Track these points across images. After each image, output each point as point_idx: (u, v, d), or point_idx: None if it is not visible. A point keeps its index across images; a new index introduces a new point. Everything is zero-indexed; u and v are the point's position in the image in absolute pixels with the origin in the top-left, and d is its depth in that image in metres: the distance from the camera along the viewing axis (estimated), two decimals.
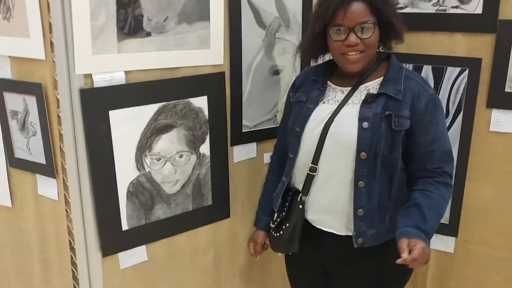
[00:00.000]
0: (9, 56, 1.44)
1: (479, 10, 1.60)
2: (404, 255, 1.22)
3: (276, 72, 1.77)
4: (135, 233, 1.53)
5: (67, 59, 1.31)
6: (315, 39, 1.42)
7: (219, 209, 1.72)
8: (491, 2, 1.57)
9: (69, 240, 1.49)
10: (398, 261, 1.22)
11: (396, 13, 1.38)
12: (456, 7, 1.64)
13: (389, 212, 1.41)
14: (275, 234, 1.55)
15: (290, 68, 1.79)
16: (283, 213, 1.52)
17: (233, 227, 1.78)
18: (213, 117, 1.61)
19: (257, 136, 1.77)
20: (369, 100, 1.37)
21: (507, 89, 1.60)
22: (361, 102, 1.39)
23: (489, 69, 1.62)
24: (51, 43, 1.32)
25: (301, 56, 1.54)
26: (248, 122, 1.73)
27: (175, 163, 1.56)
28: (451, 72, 1.67)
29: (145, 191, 1.53)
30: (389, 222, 1.42)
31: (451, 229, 1.78)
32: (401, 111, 1.35)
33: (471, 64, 1.64)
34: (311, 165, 1.43)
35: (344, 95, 1.43)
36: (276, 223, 1.55)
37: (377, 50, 1.42)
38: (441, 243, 1.80)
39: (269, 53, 1.73)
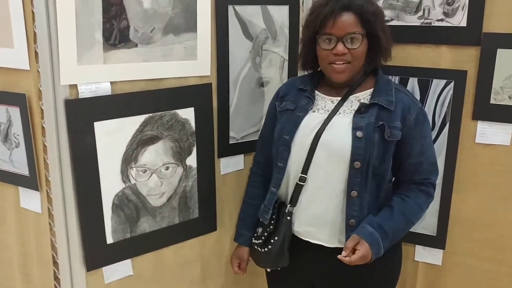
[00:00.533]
0: None
1: (463, 23, 1.62)
2: (343, 255, 1.31)
3: (263, 84, 1.77)
4: (120, 247, 1.50)
5: (52, 69, 1.30)
6: (304, 47, 1.44)
7: (205, 222, 1.70)
8: (475, 15, 1.60)
9: (52, 254, 1.46)
10: (338, 256, 1.31)
11: (384, 28, 1.39)
12: (441, 20, 1.66)
13: None
14: (262, 250, 1.51)
15: (277, 80, 1.80)
16: (271, 227, 1.49)
17: (220, 240, 1.76)
18: (200, 128, 1.60)
19: (244, 148, 1.76)
20: (362, 109, 1.38)
21: (492, 101, 1.62)
22: (353, 111, 1.40)
23: (474, 81, 1.64)
24: (36, 53, 1.31)
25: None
26: (235, 134, 1.73)
27: (161, 175, 1.54)
28: (437, 84, 1.68)
29: (131, 203, 1.50)
30: None
31: (438, 241, 1.77)
32: (393, 122, 1.37)
33: (457, 77, 1.65)
34: (301, 174, 1.41)
35: (334, 104, 1.43)
36: (263, 237, 1.51)
37: (364, 63, 1.43)
38: (429, 255, 1.80)
39: (256, 64, 1.73)
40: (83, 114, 1.36)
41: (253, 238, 1.57)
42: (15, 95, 1.38)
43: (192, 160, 1.60)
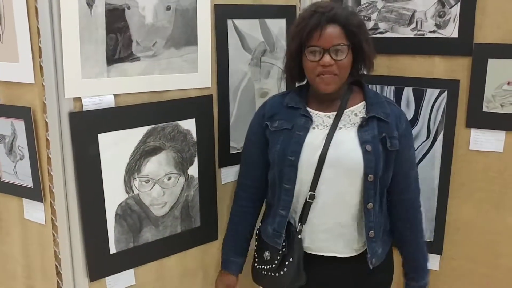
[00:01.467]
0: None
1: (455, 34, 1.67)
2: None
3: (262, 95, 1.80)
4: (123, 257, 1.52)
5: (56, 83, 1.32)
6: (290, 59, 1.43)
7: (207, 231, 1.72)
8: (466, 27, 1.65)
9: (56, 265, 1.47)
10: None
11: (368, 39, 1.41)
12: (434, 31, 1.71)
13: (382, 227, 1.48)
14: (277, 274, 1.47)
15: (275, 91, 1.83)
16: (284, 249, 1.45)
17: (222, 249, 1.78)
18: (201, 139, 1.62)
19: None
20: (364, 123, 1.41)
21: (484, 109, 1.66)
22: (354, 125, 1.42)
23: (467, 90, 1.68)
24: (41, 67, 1.33)
25: (286, 78, 1.57)
26: (236, 144, 1.75)
27: (163, 185, 1.57)
28: (431, 93, 1.72)
29: (134, 213, 1.52)
30: (382, 237, 1.48)
31: (435, 247, 1.80)
32: (392, 132, 1.41)
33: (450, 86, 1.70)
34: (310, 192, 1.40)
35: (331, 119, 1.43)
36: (276, 261, 1.47)
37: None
38: None
39: (255, 76, 1.77)
40: (87, 126, 1.38)
41: (256, 264, 1.55)
42: (20, 108, 1.40)
43: (193, 170, 1.63)
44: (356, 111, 1.44)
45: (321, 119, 1.45)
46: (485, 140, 1.69)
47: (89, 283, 1.47)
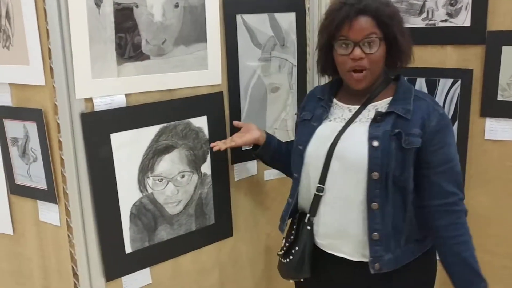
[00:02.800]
0: (9, 84, 1.45)
1: (467, 23, 1.65)
2: None
3: (273, 90, 1.79)
4: (138, 256, 1.52)
5: (67, 84, 1.32)
6: (321, 53, 1.40)
7: (222, 228, 1.71)
8: (478, 15, 1.63)
9: (72, 266, 1.47)
10: None
11: (402, 30, 1.33)
12: (445, 20, 1.68)
13: (404, 235, 1.35)
14: (284, 260, 1.46)
15: (286, 86, 1.82)
16: (291, 237, 1.45)
17: (237, 246, 1.78)
18: (213, 136, 1.62)
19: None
20: (378, 118, 1.33)
21: (499, 98, 1.64)
22: (369, 120, 1.34)
23: (481, 79, 1.66)
24: (51, 69, 1.33)
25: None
26: None
27: (177, 184, 1.56)
28: (444, 83, 1.70)
29: (148, 212, 1.52)
30: (405, 245, 1.35)
31: None
32: (411, 129, 1.30)
33: (463, 75, 1.68)
34: (318, 185, 1.37)
35: (352, 113, 1.38)
36: (284, 248, 1.47)
37: (384, 69, 1.37)
38: None
39: (266, 71, 1.75)
40: (99, 126, 1.38)
41: (278, 250, 1.52)
42: (32, 111, 1.40)
43: (206, 168, 1.62)
44: (378, 106, 1.37)
45: (342, 112, 1.41)
46: (501, 129, 1.67)
47: (105, 283, 1.47)
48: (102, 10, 1.33)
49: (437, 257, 1.41)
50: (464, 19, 1.66)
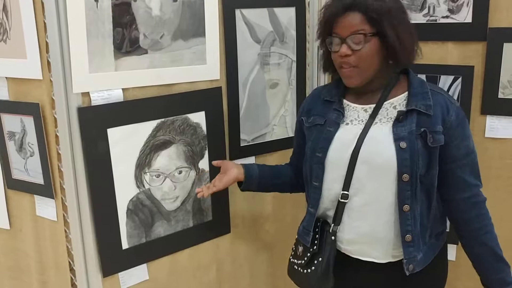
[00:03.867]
0: (6, 77, 1.44)
1: (469, 19, 1.64)
2: None
3: (272, 85, 1.78)
4: (135, 252, 1.51)
5: (64, 78, 1.32)
6: (321, 49, 1.38)
7: (219, 225, 1.71)
8: (480, 11, 1.61)
9: (69, 261, 1.47)
10: None
11: (394, 25, 1.25)
12: (447, 17, 1.67)
13: (428, 231, 1.35)
14: (305, 271, 1.42)
15: (285, 81, 1.81)
16: (314, 247, 1.39)
17: (234, 242, 1.77)
18: (211, 132, 1.61)
19: (255, 150, 1.77)
20: (400, 118, 1.29)
21: (500, 95, 1.63)
22: (390, 120, 1.31)
23: (482, 76, 1.65)
24: (48, 63, 1.33)
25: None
26: (246, 136, 1.74)
27: (174, 179, 1.56)
28: (445, 80, 1.69)
29: (145, 208, 1.52)
30: (429, 241, 1.36)
31: (451, 237, 1.77)
32: (434, 127, 1.28)
33: (464, 72, 1.66)
34: (343, 192, 1.32)
35: (368, 113, 1.33)
36: (305, 258, 1.42)
37: (391, 64, 1.31)
38: None
39: (265, 67, 1.74)
40: (96, 121, 1.37)
41: (291, 257, 1.50)
42: (29, 105, 1.40)
43: (204, 164, 1.62)
44: (395, 104, 1.33)
45: (357, 113, 1.36)
46: (501, 127, 1.66)
47: (102, 279, 1.47)
48: (100, 4, 1.33)
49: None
50: (465, 16, 1.64)
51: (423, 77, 1.71)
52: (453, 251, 1.79)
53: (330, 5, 1.29)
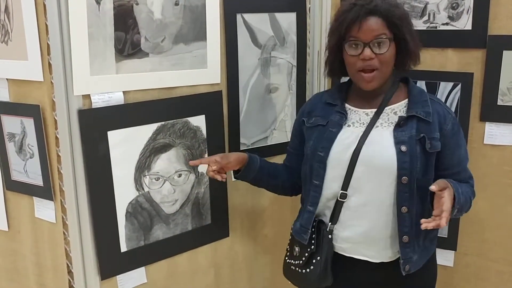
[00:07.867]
0: (7, 79, 1.45)
1: (468, 27, 1.64)
2: (434, 188, 1.23)
3: (272, 90, 1.79)
4: (134, 255, 1.51)
5: (65, 80, 1.32)
6: (330, 54, 1.40)
7: (218, 228, 1.70)
8: (480, 19, 1.62)
9: (67, 264, 1.47)
10: (432, 188, 1.23)
11: (411, 31, 1.34)
12: (447, 24, 1.68)
13: (423, 233, 1.38)
14: (303, 271, 1.44)
15: (285, 86, 1.81)
16: (312, 247, 1.42)
17: (233, 247, 1.77)
18: (211, 135, 1.61)
19: (255, 154, 1.76)
20: (401, 123, 1.34)
21: (499, 102, 1.63)
22: (391, 124, 1.36)
23: (481, 83, 1.65)
24: (49, 65, 1.33)
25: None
26: (246, 140, 1.74)
27: (174, 183, 1.56)
28: (444, 87, 1.70)
29: (144, 211, 1.52)
30: (423, 244, 1.40)
31: (450, 243, 1.78)
32: (432, 133, 1.34)
33: (463, 79, 1.67)
34: (341, 191, 1.36)
35: (370, 117, 1.38)
36: (303, 258, 1.44)
37: (393, 69, 1.38)
38: (440, 257, 1.78)
39: (265, 71, 1.75)
40: (97, 123, 1.37)
41: (287, 258, 1.52)
42: (29, 107, 1.40)
43: (204, 167, 1.61)
44: (396, 110, 1.38)
45: (358, 116, 1.40)
46: (500, 134, 1.66)
47: (100, 282, 1.47)
48: (102, 7, 1.33)
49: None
50: (465, 23, 1.65)
51: (422, 83, 1.72)
52: (450, 257, 1.79)
53: (349, 10, 1.31)
